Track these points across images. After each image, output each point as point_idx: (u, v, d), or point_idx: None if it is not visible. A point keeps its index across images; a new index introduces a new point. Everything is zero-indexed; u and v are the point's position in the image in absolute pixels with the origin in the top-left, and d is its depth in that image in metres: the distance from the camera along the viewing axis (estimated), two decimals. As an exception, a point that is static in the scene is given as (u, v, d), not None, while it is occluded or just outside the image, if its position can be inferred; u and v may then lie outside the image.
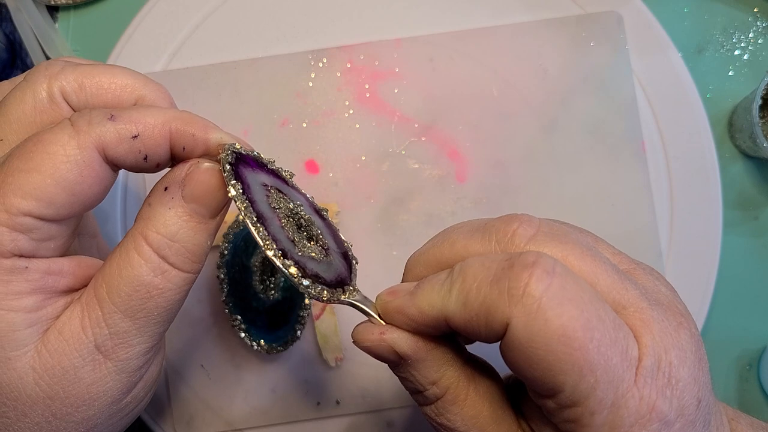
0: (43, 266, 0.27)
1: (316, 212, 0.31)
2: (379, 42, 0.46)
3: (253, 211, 0.27)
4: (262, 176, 0.29)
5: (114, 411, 0.28)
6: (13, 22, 0.49)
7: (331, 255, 0.30)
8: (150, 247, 0.27)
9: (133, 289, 0.27)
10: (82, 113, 0.27)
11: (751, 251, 0.47)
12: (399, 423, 0.44)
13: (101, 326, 0.27)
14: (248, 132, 0.46)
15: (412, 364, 0.28)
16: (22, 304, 0.26)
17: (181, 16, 0.47)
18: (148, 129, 0.27)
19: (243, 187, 0.27)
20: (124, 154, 0.27)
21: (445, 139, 0.46)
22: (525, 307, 0.23)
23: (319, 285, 0.28)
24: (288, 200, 0.29)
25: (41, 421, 0.27)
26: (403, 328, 0.28)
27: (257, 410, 0.43)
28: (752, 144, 0.45)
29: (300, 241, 0.28)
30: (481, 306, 0.24)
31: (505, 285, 0.24)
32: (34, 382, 0.26)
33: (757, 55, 0.48)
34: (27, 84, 0.29)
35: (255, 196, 0.27)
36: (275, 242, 0.27)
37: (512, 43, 0.46)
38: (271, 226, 0.27)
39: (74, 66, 0.29)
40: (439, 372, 0.27)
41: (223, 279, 0.42)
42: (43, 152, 0.25)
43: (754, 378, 0.46)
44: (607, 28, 0.46)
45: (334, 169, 0.45)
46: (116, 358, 0.27)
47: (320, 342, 0.43)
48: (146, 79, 0.30)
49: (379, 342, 0.28)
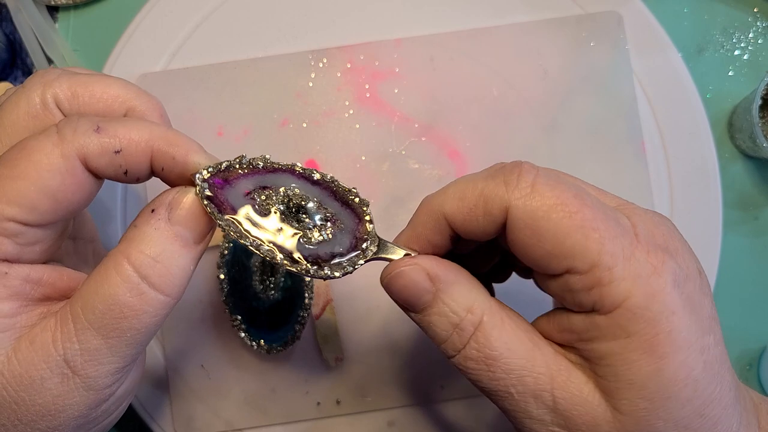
0: (23, 273, 0.27)
1: (305, 178, 0.30)
2: (379, 42, 0.46)
3: (247, 233, 0.28)
4: (242, 183, 0.29)
5: (81, 423, 0.28)
6: (13, 22, 0.49)
7: (338, 219, 0.30)
8: (131, 266, 0.27)
9: (107, 307, 0.26)
10: (69, 120, 0.28)
11: (751, 251, 0.47)
12: (399, 423, 0.44)
13: (72, 341, 0.26)
14: (248, 132, 0.46)
15: (444, 289, 0.28)
16: (2, 309, 0.26)
17: (181, 16, 0.47)
18: (131, 145, 0.28)
19: (228, 210, 0.28)
20: (104, 166, 0.28)
21: (445, 139, 0.46)
22: (521, 190, 0.26)
23: (340, 264, 0.29)
24: (273, 192, 0.29)
25: (7, 423, 0.27)
26: None
27: (257, 410, 0.43)
28: (752, 144, 0.45)
29: (303, 227, 0.29)
30: (479, 197, 0.27)
31: (500, 178, 0.27)
32: (1, 385, 0.26)
33: (757, 55, 0.48)
34: (23, 90, 0.29)
35: (241, 214, 0.28)
36: (280, 250, 0.28)
37: (512, 43, 0.46)
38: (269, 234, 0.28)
39: (70, 74, 0.30)
40: (471, 295, 0.28)
41: (223, 279, 0.42)
42: (27, 160, 0.26)
43: (754, 378, 0.46)
44: (607, 28, 0.46)
45: (334, 169, 0.45)
46: (84, 374, 0.27)
47: (320, 342, 0.43)
48: (139, 90, 0.31)
49: (413, 265, 0.28)
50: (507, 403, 0.27)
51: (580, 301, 0.26)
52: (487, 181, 0.27)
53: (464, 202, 0.27)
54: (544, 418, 0.26)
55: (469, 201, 0.27)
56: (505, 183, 0.26)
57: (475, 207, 0.27)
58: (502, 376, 0.27)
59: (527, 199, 0.26)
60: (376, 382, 0.44)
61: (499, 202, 0.26)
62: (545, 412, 0.26)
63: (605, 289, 0.25)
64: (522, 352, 0.27)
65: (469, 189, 0.27)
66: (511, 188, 0.26)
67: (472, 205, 0.27)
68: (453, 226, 0.28)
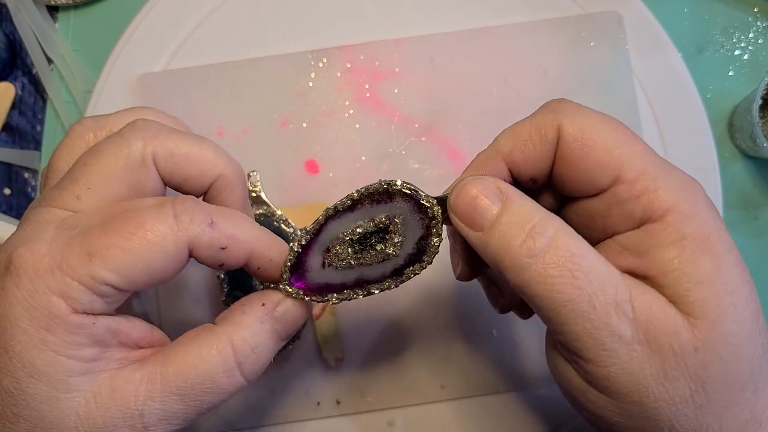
0: (107, 324, 0.28)
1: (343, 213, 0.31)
2: (379, 42, 0.46)
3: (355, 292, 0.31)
4: (313, 261, 0.32)
5: None
6: (13, 22, 0.49)
7: (394, 218, 0.31)
8: (233, 351, 0.29)
9: (200, 380, 0.28)
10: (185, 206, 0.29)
11: (751, 251, 0.47)
12: (399, 423, 0.44)
13: (155, 400, 0.28)
14: (248, 132, 0.46)
15: (513, 200, 0.28)
16: (83, 354, 0.27)
17: (181, 16, 0.47)
18: (236, 245, 0.30)
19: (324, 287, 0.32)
20: (207, 258, 0.29)
21: (445, 139, 0.46)
22: (569, 112, 0.29)
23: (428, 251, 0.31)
24: (339, 239, 0.31)
25: None
26: None
27: (257, 410, 0.43)
28: (752, 144, 0.45)
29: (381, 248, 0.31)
30: (531, 127, 0.29)
31: (546, 108, 0.30)
32: (74, 425, 0.27)
33: (757, 55, 0.48)
34: (122, 140, 0.30)
35: (326, 277, 0.32)
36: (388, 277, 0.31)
37: (512, 43, 0.46)
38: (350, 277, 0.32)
39: (168, 132, 0.32)
40: (540, 208, 0.28)
41: (223, 279, 0.42)
42: (141, 237, 0.27)
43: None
44: (607, 28, 0.46)
45: (334, 169, 0.45)
46: (153, 430, 0.28)
47: (320, 342, 0.43)
48: (227, 156, 0.33)
49: (482, 177, 0.29)
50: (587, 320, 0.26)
51: (631, 210, 0.27)
52: (535, 115, 0.30)
53: (519, 136, 0.30)
54: (625, 333, 0.25)
55: (523, 134, 0.30)
56: (552, 110, 0.29)
57: (529, 137, 0.29)
58: (586, 283, 0.26)
59: (576, 116, 0.28)
60: (376, 382, 0.44)
61: (551, 124, 0.29)
62: (627, 327, 0.26)
63: (653, 195, 0.27)
64: (600, 262, 0.26)
65: (520, 126, 0.30)
66: (559, 112, 0.29)
67: (527, 135, 0.29)
68: (510, 163, 0.30)
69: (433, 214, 0.30)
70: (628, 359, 0.25)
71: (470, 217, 0.28)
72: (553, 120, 0.29)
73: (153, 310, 0.44)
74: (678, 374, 0.25)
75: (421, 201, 0.30)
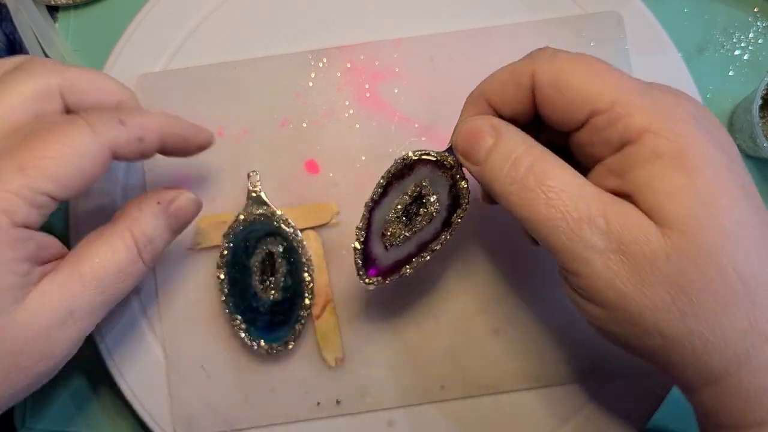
0: (38, 239, 0.31)
1: (382, 194, 0.37)
2: (379, 42, 0.46)
3: (421, 258, 0.36)
4: (374, 244, 0.36)
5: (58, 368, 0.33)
6: (13, 22, 0.49)
7: (422, 182, 0.36)
8: (134, 243, 0.34)
9: (115, 271, 0.33)
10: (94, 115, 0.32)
11: (751, 251, 0.47)
12: (399, 423, 0.44)
13: (81, 296, 0.31)
14: (248, 132, 0.46)
15: (503, 134, 0.32)
16: (21, 269, 0.30)
17: (181, 16, 0.47)
18: (149, 133, 0.34)
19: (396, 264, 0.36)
20: (129, 153, 0.33)
21: (446, 139, 0.45)
22: (543, 59, 0.31)
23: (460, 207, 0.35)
24: (388, 221, 0.36)
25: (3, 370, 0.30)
26: None
27: (257, 410, 0.43)
28: (752, 144, 0.45)
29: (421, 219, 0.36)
30: (509, 73, 0.33)
31: (529, 55, 0.33)
32: (12, 336, 0.30)
33: (757, 55, 0.48)
34: (26, 74, 0.33)
35: (393, 257, 0.36)
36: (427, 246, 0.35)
37: (512, 43, 0.46)
38: None
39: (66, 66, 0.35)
40: (526, 139, 0.31)
41: (223, 279, 0.42)
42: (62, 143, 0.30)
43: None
44: (607, 28, 0.46)
45: (334, 169, 0.45)
46: (82, 324, 0.32)
47: (320, 342, 0.43)
48: (122, 85, 0.37)
49: (479, 117, 0.33)
50: (561, 233, 0.29)
51: (609, 137, 0.29)
52: (515, 62, 0.33)
53: (497, 81, 0.33)
54: (597, 243, 0.28)
55: (501, 78, 0.33)
56: (529, 57, 0.32)
57: (506, 82, 0.32)
58: (558, 202, 0.29)
59: (549, 63, 0.31)
60: (376, 382, 0.44)
61: (526, 71, 0.31)
62: (599, 238, 0.28)
63: (628, 119, 0.28)
64: (575, 183, 0.29)
65: (500, 72, 0.33)
66: (536, 60, 0.32)
67: (504, 80, 0.33)
68: (492, 104, 0.34)
69: (450, 164, 0.35)
70: (604, 267, 0.28)
71: (470, 153, 0.33)
72: (528, 67, 0.31)
73: (153, 310, 0.44)
74: (654, 280, 0.27)
75: (436, 159, 0.35)
